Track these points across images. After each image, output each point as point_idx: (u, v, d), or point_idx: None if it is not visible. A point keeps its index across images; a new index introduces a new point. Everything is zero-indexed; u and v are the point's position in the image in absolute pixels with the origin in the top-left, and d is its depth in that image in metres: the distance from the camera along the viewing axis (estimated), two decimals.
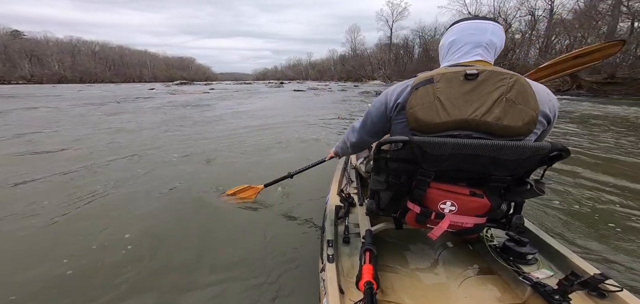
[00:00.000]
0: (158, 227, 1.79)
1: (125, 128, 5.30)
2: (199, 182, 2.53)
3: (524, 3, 25.30)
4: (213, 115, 7.21)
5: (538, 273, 0.86)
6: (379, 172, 0.84)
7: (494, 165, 0.71)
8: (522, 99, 0.67)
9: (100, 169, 2.91)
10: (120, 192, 2.33)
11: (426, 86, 0.72)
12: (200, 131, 4.98)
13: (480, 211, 0.78)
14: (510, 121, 0.67)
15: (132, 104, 10.46)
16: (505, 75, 0.69)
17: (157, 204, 2.12)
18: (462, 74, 0.70)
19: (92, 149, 3.70)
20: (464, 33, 0.78)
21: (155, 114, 7.51)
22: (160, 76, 79.58)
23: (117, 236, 1.67)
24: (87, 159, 3.24)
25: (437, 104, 0.70)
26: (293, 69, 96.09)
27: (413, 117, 0.73)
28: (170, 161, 3.21)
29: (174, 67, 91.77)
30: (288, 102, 11.37)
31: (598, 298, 0.76)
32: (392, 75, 44.46)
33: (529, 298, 0.81)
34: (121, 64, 76.66)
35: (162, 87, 28.71)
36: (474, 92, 0.69)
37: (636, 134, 4.82)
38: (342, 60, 65.66)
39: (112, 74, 72.65)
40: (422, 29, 44.06)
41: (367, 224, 1.05)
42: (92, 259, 1.46)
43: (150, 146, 3.91)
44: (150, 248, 1.56)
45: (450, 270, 0.95)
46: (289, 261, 1.44)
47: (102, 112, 7.87)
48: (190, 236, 1.69)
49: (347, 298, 0.81)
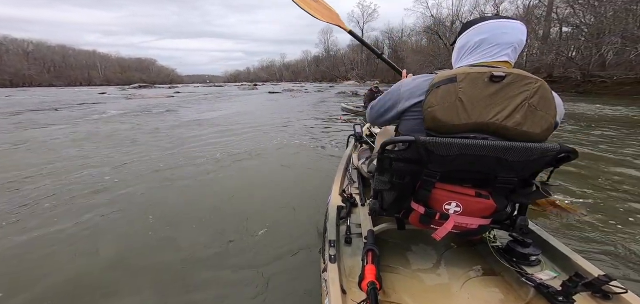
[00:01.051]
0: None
1: (47, 144, 4.15)
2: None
3: (476, 7, 27.71)
4: (172, 124, 6.03)
5: (541, 274, 0.85)
6: (382, 172, 0.83)
7: (501, 166, 0.70)
8: (544, 105, 0.66)
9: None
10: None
11: (448, 85, 0.68)
12: (150, 147, 3.93)
13: (486, 212, 0.77)
14: (530, 127, 0.66)
15: (74, 111, 8.77)
16: (531, 79, 0.67)
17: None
18: (488, 75, 0.67)
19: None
20: (495, 32, 0.72)
21: (99, 124, 6.24)
22: (115, 78, 71.25)
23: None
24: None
25: (458, 105, 0.67)
26: (266, 71, 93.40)
27: (431, 116, 0.70)
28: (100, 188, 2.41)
29: (131, 69, 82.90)
30: (263, 106, 10.53)
31: (602, 300, 0.74)
32: (365, 75, 45.62)
33: (532, 299, 0.80)
34: (64, 65, 66.83)
35: (116, 90, 25.39)
36: (498, 94, 0.67)
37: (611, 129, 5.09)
38: (316, 61, 65.70)
39: (52, 76, 63.04)
40: (390, 30, 45.91)
41: (369, 224, 1.04)
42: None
43: (68, 171, 2.97)
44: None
45: (453, 271, 0.94)
46: (291, 261, 1.43)
47: (26, 122, 6.33)
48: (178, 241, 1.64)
49: (349, 298, 0.80)
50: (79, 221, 1.87)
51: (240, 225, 1.79)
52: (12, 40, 60.62)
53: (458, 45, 0.80)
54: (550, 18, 19.05)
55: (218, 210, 2.01)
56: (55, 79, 62.54)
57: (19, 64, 57.29)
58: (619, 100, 10.49)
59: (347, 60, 54.99)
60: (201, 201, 2.18)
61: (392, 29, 46.19)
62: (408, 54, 35.74)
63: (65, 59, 68.07)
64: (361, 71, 48.07)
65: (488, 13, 27.04)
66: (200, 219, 1.89)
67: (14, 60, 57.20)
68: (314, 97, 13.84)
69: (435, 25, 30.90)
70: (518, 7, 23.45)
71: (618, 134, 4.65)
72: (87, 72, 70.66)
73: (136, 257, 1.50)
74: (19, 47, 60.41)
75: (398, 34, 43.94)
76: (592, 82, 14.77)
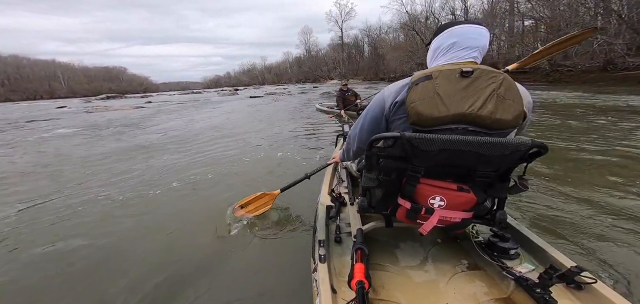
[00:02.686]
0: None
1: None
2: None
3: (446, 3, 28.64)
4: (125, 146, 4.90)
5: (521, 267, 0.88)
6: (370, 169, 0.86)
7: (479, 161, 0.75)
8: (510, 94, 0.73)
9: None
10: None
11: (425, 81, 0.76)
12: (70, 184, 3.03)
13: (467, 205, 0.81)
14: (502, 114, 0.72)
15: (16, 131, 7.54)
16: (495, 73, 0.75)
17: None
18: (458, 71, 0.74)
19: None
20: (465, 36, 0.81)
21: (42, 145, 5.26)
22: (81, 90, 65.90)
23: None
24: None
25: (437, 99, 0.74)
26: (248, 74, 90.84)
27: (414, 111, 0.75)
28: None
29: (98, 78, 77.12)
30: (243, 112, 9.76)
31: (575, 290, 0.79)
32: (348, 73, 45.67)
33: (513, 292, 0.83)
34: (19, 77, 60.71)
35: (80, 103, 23.10)
36: (469, 88, 0.73)
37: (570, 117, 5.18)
38: (298, 62, 64.85)
39: (7, 90, 56.95)
40: (368, 28, 46.29)
41: (358, 223, 1.06)
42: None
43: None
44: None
45: (439, 267, 0.97)
46: (281, 262, 1.43)
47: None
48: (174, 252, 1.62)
49: (340, 297, 0.81)
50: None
51: (226, 230, 1.72)
52: None
53: (433, 47, 0.89)
54: (513, 13, 20.05)
55: (201, 220, 1.93)
56: (12, 93, 56.63)
57: None
58: (587, 87, 11.07)
59: (329, 59, 54.80)
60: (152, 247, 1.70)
61: (371, 26, 46.67)
62: (387, 51, 36.16)
63: (20, 70, 61.94)
64: (343, 70, 48.06)
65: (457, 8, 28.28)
66: (179, 232, 1.83)
67: None
68: (298, 100, 13.19)
69: (410, 21, 31.46)
70: (483, 2, 24.51)
71: (588, 121, 4.73)
72: (48, 84, 64.67)
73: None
74: None
75: (376, 32, 44.39)
76: (559, 72, 15.54)
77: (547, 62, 16.33)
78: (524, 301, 0.79)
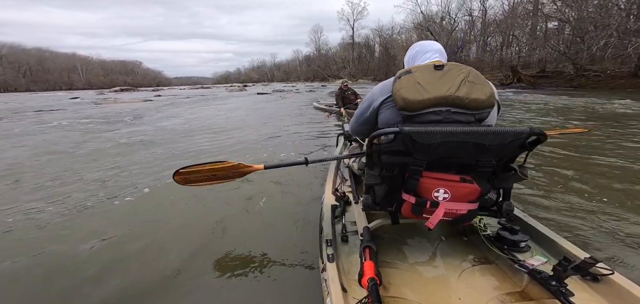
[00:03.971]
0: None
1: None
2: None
3: (463, 4, 27.50)
4: (118, 140, 4.83)
5: (533, 260, 0.87)
6: (372, 166, 0.87)
7: (480, 151, 0.76)
8: (478, 80, 0.83)
9: None
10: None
11: (407, 75, 0.86)
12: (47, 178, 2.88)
13: (472, 196, 0.82)
14: (477, 95, 0.80)
15: (18, 121, 7.53)
16: (462, 66, 0.86)
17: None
18: (432, 66, 0.86)
19: None
20: (423, 46, 1.03)
21: (25, 137, 5.10)
22: (97, 82, 68.00)
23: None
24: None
25: (418, 86, 0.82)
26: (257, 71, 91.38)
27: (400, 97, 0.83)
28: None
29: (114, 72, 79.49)
30: (249, 108, 9.51)
31: (592, 282, 0.77)
32: (357, 73, 44.99)
33: (527, 285, 0.82)
34: (41, 69, 63.30)
35: (94, 95, 23.64)
36: (443, 77, 0.83)
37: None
38: (308, 61, 64.54)
39: (29, 81, 59.50)
40: (381, 28, 45.37)
41: (364, 221, 1.05)
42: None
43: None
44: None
45: (449, 262, 0.97)
46: (289, 263, 1.44)
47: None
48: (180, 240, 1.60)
49: (350, 296, 0.80)
50: None
51: (233, 233, 1.71)
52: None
53: (405, 61, 1.09)
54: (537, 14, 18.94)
55: (208, 222, 1.84)
56: (33, 84, 59.06)
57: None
58: (614, 93, 10.38)
59: (338, 58, 54.21)
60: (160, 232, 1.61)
61: (383, 26, 45.68)
62: (399, 51, 35.31)
63: (41, 63, 64.62)
64: (353, 69, 47.39)
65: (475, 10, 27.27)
66: (189, 229, 1.78)
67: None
68: (305, 98, 12.82)
69: (425, 21, 30.49)
70: (503, 3, 23.36)
71: (609, 125, 4.50)
72: (68, 76, 67.16)
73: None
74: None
75: (389, 32, 43.43)
76: (585, 77, 14.47)
77: (572, 65, 15.26)
78: (538, 294, 0.78)
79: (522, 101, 9.40)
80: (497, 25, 23.70)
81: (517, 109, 7.61)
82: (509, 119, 5.78)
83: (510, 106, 8.31)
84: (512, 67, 18.96)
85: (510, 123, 5.41)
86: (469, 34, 28.29)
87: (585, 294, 0.75)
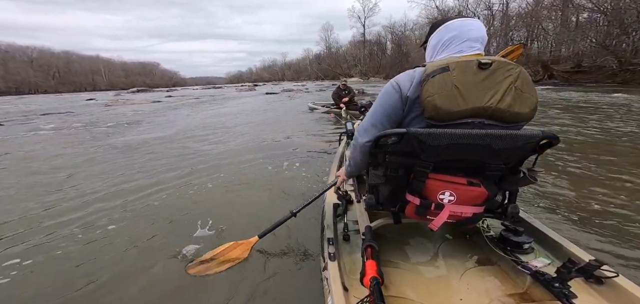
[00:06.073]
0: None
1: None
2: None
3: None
4: (107, 144, 4.52)
5: (536, 261, 0.86)
6: (377, 166, 0.85)
7: (489, 154, 0.73)
8: (527, 87, 0.72)
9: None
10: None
11: (442, 74, 0.72)
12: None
13: (479, 200, 0.79)
14: (520, 108, 0.72)
15: (18, 127, 7.61)
16: (512, 65, 0.73)
17: None
18: (476, 62, 0.72)
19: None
20: (463, 29, 0.80)
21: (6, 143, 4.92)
22: (119, 83, 71.27)
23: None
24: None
25: (455, 92, 0.71)
26: (268, 70, 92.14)
27: (431, 105, 0.72)
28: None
29: (134, 73, 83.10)
30: (249, 114, 9.12)
31: (596, 285, 0.76)
32: (369, 71, 43.87)
33: (529, 286, 0.81)
34: (68, 71, 67.28)
35: (110, 96, 24.48)
36: (487, 80, 0.72)
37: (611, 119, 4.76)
38: (318, 60, 64.01)
39: (57, 83, 63.49)
40: (392, 25, 43.91)
41: (366, 220, 1.04)
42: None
43: None
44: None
45: (451, 263, 0.96)
46: (290, 262, 1.43)
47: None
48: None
49: (352, 295, 0.81)
50: None
51: (236, 230, 1.70)
52: (18, 47, 61.21)
53: (432, 43, 0.87)
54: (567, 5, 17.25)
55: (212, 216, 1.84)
56: (61, 86, 62.89)
57: (24, 72, 57.81)
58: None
59: (349, 56, 53.20)
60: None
61: (395, 23, 44.26)
62: (412, 48, 33.98)
63: (69, 65, 68.63)
64: (364, 67, 46.30)
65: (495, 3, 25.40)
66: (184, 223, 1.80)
67: (19, 67, 57.72)
68: (314, 98, 12.31)
69: (440, 16, 28.98)
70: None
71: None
72: (92, 78, 70.97)
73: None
74: (24, 55, 60.98)
75: (401, 28, 41.92)
76: (630, 71, 12.88)
77: (615, 60, 13.65)
78: (541, 296, 0.77)
79: (561, 99, 8.64)
80: (521, 18, 21.96)
81: (557, 108, 6.84)
82: (547, 122, 4.97)
83: (546, 105, 7.50)
84: (543, 62, 17.44)
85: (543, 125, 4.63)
86: (489, 29, 26.56)
87: (588, 296, 0.75)
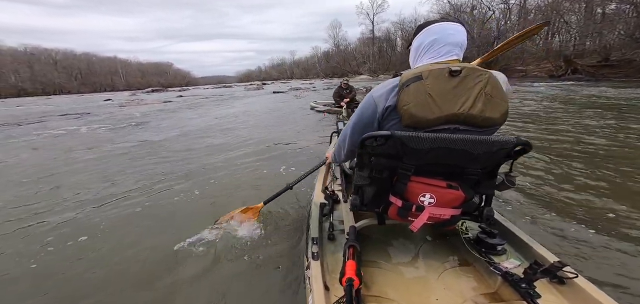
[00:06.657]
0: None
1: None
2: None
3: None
4: (115, 147, 4.68)
5: (507, 263, 0.90)
6: (362, 167, 0.87)
7: (467, 159, 0.76)
8: (497, 92, 0.75)
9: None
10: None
11: (416, 83, 0.75)
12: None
13: (456, 202, 0.82)
14: (491, 113, 0.75)
15: (32, 126, 8.06)
16: (480, 71, 0.76)
17: None
18: (447, 70, 0.75)
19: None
20: (444, 34, 0.82)
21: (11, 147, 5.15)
22: (135, 83, 74.15)
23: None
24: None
25: (429, 100, 0.74)
26: (277, 69, 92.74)
27: (408, 114, 0.76)
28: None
29: (149, 73, 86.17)
30: (254, 115, 9.20)
31: (558, 285, 0.81)
32: (378, 69, 43.16)
33: (500, 287, 0.85)
34: (89, 72, 70.70)
35: (125, 96, 25.52)
36: (459, 87, 0.74)
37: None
38: (326, 57, 63.65)
39: (79, 84, 66.88)
40: (402, 21, 42.86)
41: (351, 220, 1.06)
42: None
43: None
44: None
45: (430, 263, 0.99)
46: (275, 261, 1.42)
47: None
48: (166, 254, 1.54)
49: (332, 294, 0.82)
50: None
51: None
52: (43, 50, 64.95)
53: (414, 46, 0.89)
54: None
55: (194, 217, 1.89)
56: (82, 86, 66.18)
57: (49, 74, 61.31)
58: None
59: (358, 54, 52.58)
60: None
61: (405, 19, 43.14)
62: None
63: (89, 66, 72.05)
64: (374, 65, 45.61)
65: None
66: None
67: (44, 69, 61.27)
68: (321, 97, 12.27)
69: (453, 12, 27.95)
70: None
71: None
72: (111, 78, 74.22)
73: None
74: (49, 57, 64.60)
75: (411, 25, 40.83)
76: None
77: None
78: (509, 296, 0.81)
79: (589, 96, 8.04)
80: (540, 11, 20.78)
81: (586, 106, 6.22)
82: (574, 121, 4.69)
83: (569, 102, 6.96)
84: (565, 56, 16.46)
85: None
86: (505, 23, 25.34)
87: (551, 296, 0.78)
